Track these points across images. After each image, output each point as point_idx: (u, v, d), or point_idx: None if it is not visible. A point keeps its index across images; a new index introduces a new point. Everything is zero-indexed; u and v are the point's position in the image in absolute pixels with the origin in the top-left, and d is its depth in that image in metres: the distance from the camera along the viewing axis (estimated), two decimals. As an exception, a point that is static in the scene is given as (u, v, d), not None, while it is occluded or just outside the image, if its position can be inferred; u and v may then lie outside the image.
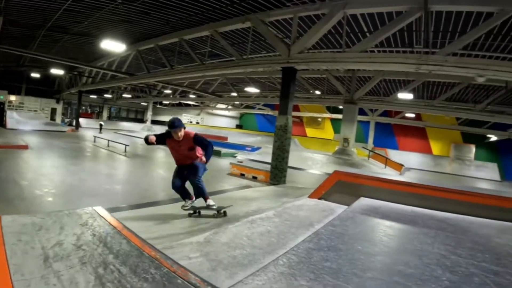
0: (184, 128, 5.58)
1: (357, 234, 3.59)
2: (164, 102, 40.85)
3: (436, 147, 32.51)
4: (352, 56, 10.04)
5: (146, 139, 5.52)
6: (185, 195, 5.84)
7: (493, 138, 28.36)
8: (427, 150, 32.32)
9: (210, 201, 5.76)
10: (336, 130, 27.34)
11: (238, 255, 2.92)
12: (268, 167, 11.40)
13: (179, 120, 5.52)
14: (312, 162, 18.73)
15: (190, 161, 5.77)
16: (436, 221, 4.65)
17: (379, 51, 13.60)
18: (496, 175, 27.73)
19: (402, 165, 23.42)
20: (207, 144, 5.68)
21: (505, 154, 30.70)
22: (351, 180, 6.00)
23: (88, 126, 34.08)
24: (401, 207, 5.23)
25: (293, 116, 31.17)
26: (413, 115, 27.43)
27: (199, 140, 5.66)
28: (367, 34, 11.93)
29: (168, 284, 2.13)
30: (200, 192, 5.76)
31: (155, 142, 5.50)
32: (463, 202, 5.44)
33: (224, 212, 5.71)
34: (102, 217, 3.39)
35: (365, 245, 3.24)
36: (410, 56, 10.53)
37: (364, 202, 5.42)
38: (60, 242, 2.77)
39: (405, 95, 18.99)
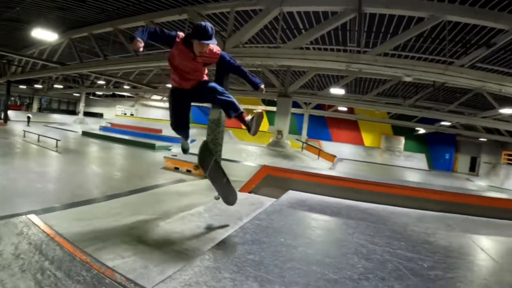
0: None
1: (282, 227, 3.75)
2: (98, 93, 39.26)
3: (367, 139, 33.92)
4: (286, 52, 10.27)
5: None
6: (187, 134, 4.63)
7: (422, 131, 30.04)
8: (359, 142, 33.74)
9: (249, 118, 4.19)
10: (271, 122, 27.65)
11: (169, 252, 2.98)
12: (203, 160, 11.31)
13: (213, 30, 3.69)
14: (246, 154, 19.00)
15: (197, 79, 4.13)
16: (358, 211, 4.94)
17: (314, 48, 13.91)
18: (424, 165, 29.87)
19: (335, 156, 24.31)
20: (239, 65, 4.24)
21: (433, 146, 32.83)
22: (280, 174, 6.19)
23: (17, 119, 31.93)
24: (327, 199, 5.49)
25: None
26: (345, 109, 28.28)
27: (228, 62, 4.13)
28: (303, 31, 12.15)
29: (98, 284, 2.25)
30: (234, 105, 4.13)
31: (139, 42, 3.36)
32: (384, 194, 5.82)
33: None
34: (36, 225, 3.40)
35: (288, 237, 3.41)
36: (341, 54, 10.94)
37: (292, 195, 5.62)
38: (0, 252, 2.86)
39: (337, 91, 19.63)
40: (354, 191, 5.80)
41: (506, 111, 16.54)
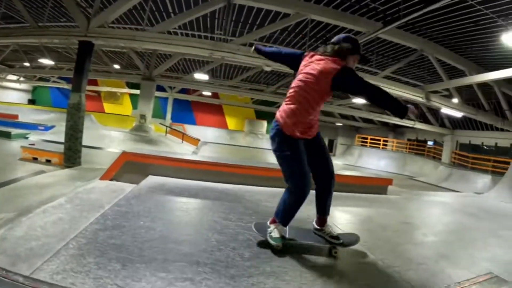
0: None
1: (141, 211, 3.94)
2: None
3: (231, 123, 35.43)
4: (151, 36, 10.26)
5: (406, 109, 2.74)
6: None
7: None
8: (223, 125, 35.11)
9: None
10: (135, 106, 27.09)
11: (34, 247, 2.96)
12: (62, 148, 10.83)
13: None
14: (109, 140, 18.42)
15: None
16: (216, 192, 5.37)
17: (181, 34, 13.98)
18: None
19: (199, 140, 24.96)
20: None
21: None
22: (139, 160, 6.32)
23: None
24: (185, 182, 5.80)
25: (91, 91, 29.43)
26: (210, 93, 28.81)
27: None
28: (172, 15, 12.14)
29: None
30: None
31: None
32: (241, 175, 6.39)
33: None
34: None
35: (146, 220, 3.64)
36: (205, 42, 11.28)
37: (151, 180, 5.79)
38: None
39: (201, 76, 20.13)
40: (212, 173, 6.21)
41: (358, 100, 18.70)
